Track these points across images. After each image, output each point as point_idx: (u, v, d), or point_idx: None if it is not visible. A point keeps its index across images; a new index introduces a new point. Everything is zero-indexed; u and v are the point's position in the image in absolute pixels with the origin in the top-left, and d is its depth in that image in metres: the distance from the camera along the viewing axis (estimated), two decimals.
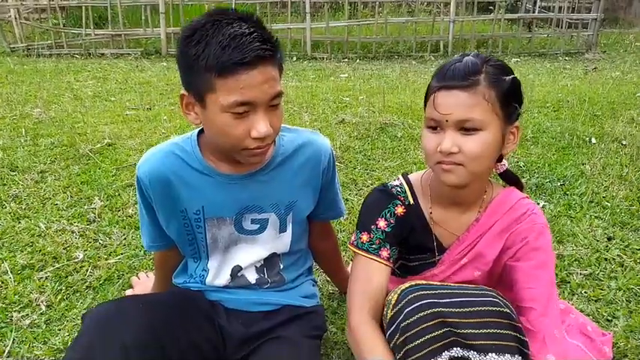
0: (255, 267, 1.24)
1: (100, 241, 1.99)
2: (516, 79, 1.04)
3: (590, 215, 2.19)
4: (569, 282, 1.74)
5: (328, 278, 1.77)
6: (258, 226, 1.20)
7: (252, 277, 1.25)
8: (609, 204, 2.27)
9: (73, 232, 2.04)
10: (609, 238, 2.02)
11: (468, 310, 0.95)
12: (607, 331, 1.45)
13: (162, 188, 1.14)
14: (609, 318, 1.57)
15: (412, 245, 1.19)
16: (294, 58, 6.28)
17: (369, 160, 2.77)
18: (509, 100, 1.02)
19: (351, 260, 1.28)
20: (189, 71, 0.98)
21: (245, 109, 0.97)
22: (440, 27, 6.51)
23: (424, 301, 0.96)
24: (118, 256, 1.88)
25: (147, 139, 2.98)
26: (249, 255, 1.22)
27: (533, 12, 7.02)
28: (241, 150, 1.02)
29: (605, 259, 1.88)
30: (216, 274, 1.24)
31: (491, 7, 7.20)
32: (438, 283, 1.08)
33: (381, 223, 1.16)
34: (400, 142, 3.01)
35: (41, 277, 1.75)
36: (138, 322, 1.01)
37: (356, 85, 4.64)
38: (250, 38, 0.93)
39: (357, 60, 6.23)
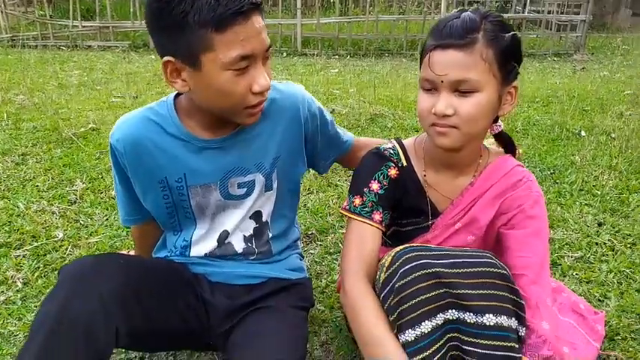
0: (244, 236, 1.18)
1: (80, 221, 1.93)
2: (516, 35, 1.00)
3: (580, 202, 2.18)
4: (560, 265, 1.72)
5: (316, 259, 1.73)
6: (245, 189, 1.14)
7: (239, 245, 1.18)
8: (599, 192, 2.26)
9: (53, 212, 1.98)
10: (600, 224, 2.01)
11: (464, 270, 0.91)
12: (599, 310, 1.43)
13: (138, 156, 1.07)
14: (601, 298, 1.55)
15: (405, 208, 1.15)
16: (285, 54, 6.24)
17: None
18: (508, 58, 0.98)
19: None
20: (176, 32, 0.89)
21: (247, 63, 0.92)
22: (431, 25, 6.50)
23: (419, 262, 0.93)
24: (99, 236, 1.82)
25: None
26: (234, 217, 1.16)
27: (523, 13, 7.06)
28: (243, 109, 0.98)
29: (596, 244, 1.86)
30: (202, 240, 1.18)
31: (481, 8, 7.23)
32: (434, 246, 1.04)
33: (374, 186, 1.13)
34: (390, 132, 2.98)
35: (18, 255, 1.68)
36: (117, 277, 0.95)
37: (346, 79, 4.61)
38: None
39: (348, 57, 6.20)
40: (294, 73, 5.01)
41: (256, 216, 1.18)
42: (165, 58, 0.95)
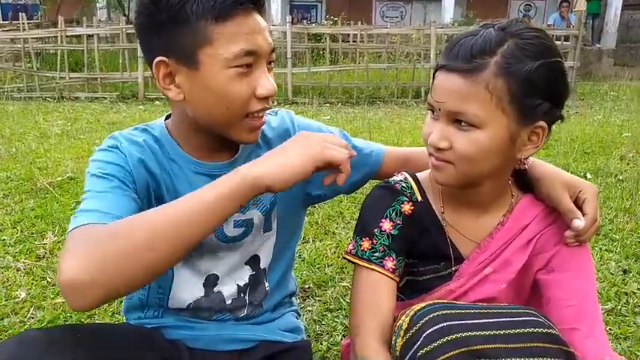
0: (238, 285, 1.00)
1: (47, 279, 1.71)
2: (550, 63, 0.80)
3: (600, 248, 2.01)
4: None
5: (315, 317, 1.52)
6: (243, 229, 0.97)
7: (229, 295, 0.99)
8: (617, 236, 2.10)
9: (18, 269, 1.76)
10: (624, 271, 1.83)
11: (503, 332, 0.72)
12: None
13: (135, 169, 0.86)
14: None
15: (423, 252, 0.97)
16: (275, 103, 6.18)
17: (356, 192, 2.56)
18: (530, 92, 0.79)
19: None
20: (172, 27, 0.78)
21: (251, 60, 0.79)
22: (421, 74, 6.54)
23: (445, 324, 0.74)
24: None
25: None
26: (228, 262, 0.98)
27: None
28: (244, 118, 0.83)
29: (625, 294, 1.68)
30: (185, 285, 0.96)
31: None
32: (461, 303, 0.85)
33: (386, 225, 0.94)
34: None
35: None
36: (71, 357, 0.74)
37: (339, 124, 4.51)
38: None
39: (339, 104, 6.17)
40: None
41: (253, 261, 1.01)
42: (158, 58, 0.80)
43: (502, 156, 0.84)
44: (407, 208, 0.95)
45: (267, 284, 1.03)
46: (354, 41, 6.88)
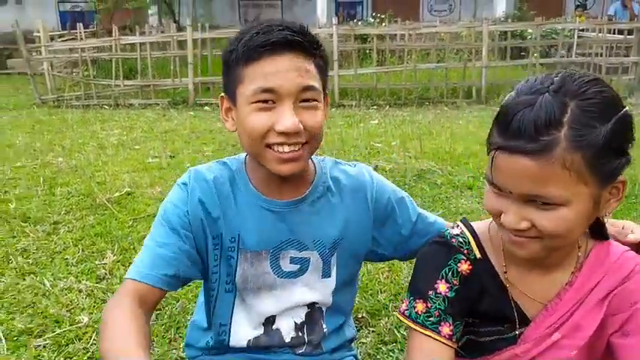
0: (295, 323, 1.03)
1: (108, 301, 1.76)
2: (620, 119, 0.73)
3: None
4: None
5: (369, 350, 1.48)
6: (298, 267, 1.00)
7: (287, 333, 1.02)
8: None
9: (80, 290, 1.83)
10: None
11: None
12: None
13: (204, 203, 0.95)
14: None
15: (484, 312, 0.91)
16: None
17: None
18: (609, 155, 0.72)
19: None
20: (226, 70, 0.92)
21: (269, 97, 0.86)
22: (472, 73, 6.35)
23: None
24: None
25: (168, 187, 2.78)
26: (284, 302, 1.01)
27: (568, 57, 6.83)
28: (266, 148, 0.89)
29: None
30: (245, 323, 1.00)
31: (523, 54, 7.04)
32: None
33: (442, 287, 0.89)
34: (441, 190, 2.75)
35: (39, 345, 1.52)
36: None
37: (387, 130, 4.45)
38: (281, 27, 0.87)
39: (387, 107, 6.08)
40: (332, 125, 4.88)
41: (311, 305, 1.04)
42: (222, 95, 0.96)
43: (588, 220, 0.78)
44: (464, 267, 0.90)
45: (324, 326, 1.04)
46: (401, 39, 6.76)
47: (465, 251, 0.90)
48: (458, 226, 0.95)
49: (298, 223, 0.98)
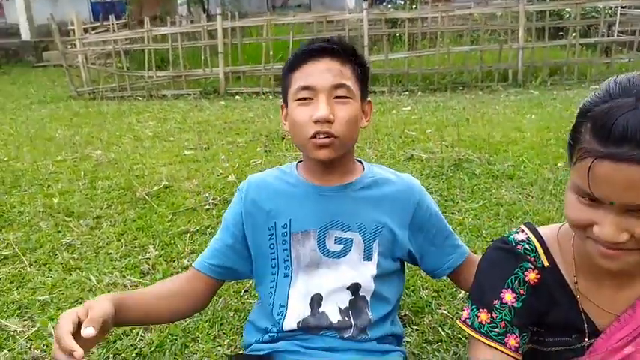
0: (340, 308, 1.11)
1: None
2: None
3: None
4: None
5: (414, 349, 1.47)
6: (342, 246, 1.11)
7: (333, 316, 1.10)
8: None
9: (125, 285, 1.86)
10: None
11: None
12: None
13: (258, 200, 1.14)
14: None
15: (551, 322, 0.88)
16: None
17: (447, 201, 2.46)
18: None
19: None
20: (282, 81, 1.11)
21: (308, 94, 1.03)
22: (508, 55, 6.16)
23: None
24: None
25: (204, 180, 2.83)
26: (329, 281, 1.11)
27: (608, 36, 6.53)
28: (308, 139, 1.04)
29: None
30: (297, 304, 1.10)
31: (561, 34, 6.78)
32: None
33: (508, 297, 0.86)
34: (479, 180, 2.68)
35: None
36: None
37: (421, 117, 4.37)
38: (322, 40, 1.06)
39: (419, 92, 5.97)
40: None
41: (354, 288, 1.12)
42: (281, 103, 1.13)
43: None
44: (532, 276, 0.86)
45: (370, 313, 1.10)
46: (432, 21, 6.60)
47: (532, 259, 0.87)
48: (522, 231, 0.91)
49: (343, 206, 1.11)
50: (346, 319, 1.09)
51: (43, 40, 10.88)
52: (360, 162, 1.18)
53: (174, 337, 1.57)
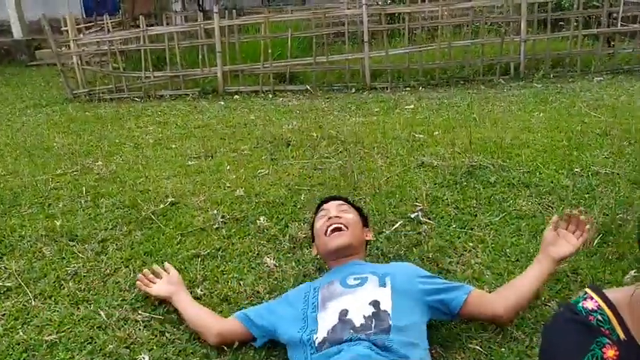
0: (363, 315, 1.39)
1: (166, 334, 1.71)
2: None
3: None
4: None
5: None
6: (359, 281, 1.52)
7: (358, 320, 1.38)
8: None
9: (136, 321, 1.78)
10: None
11: None
12: None
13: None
14: None
15: None
16: (353, 90, 5.99)
17: (464, 214, 2.38)
18: None
19: None
20: (311, 228, 1.90)
21: (324, 213, 1.80)
22: (509, 47, 6.05)
23: None
24: (189, 359, 1.58)
25: (211, 195, 2.74)
26: (353, 299, 1.46)
27: (608, 26, 6.41)
28: (324, 234, 1.74)
29: None
30: (326, 319, 1.43)
31: (561, 23, 6.66)
32: None
33: None
34: (495, 189, 2.60)
35: None
36: None
37: (427, 118, 4.27)
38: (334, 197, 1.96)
39: (420, 88, 5.86)
40: (368, 113, 4.73)
41: (375, 304, 1.43)
42: (314, 243, 1.89)
43: None
44: (611, 354, 0.78)
45: (390, 320, 1.38)
46: (430, 13, 6.47)
47: (607, 331, 0.79)
48: (591, 297, 0.83)
49: (358, 267, 1.66)
50: (369, 323, 1.37)
51: (35, 38, 10.66)
52: None
53: None
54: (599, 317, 0.80)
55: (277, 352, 1.58)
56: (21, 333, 1.75)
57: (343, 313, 1.41)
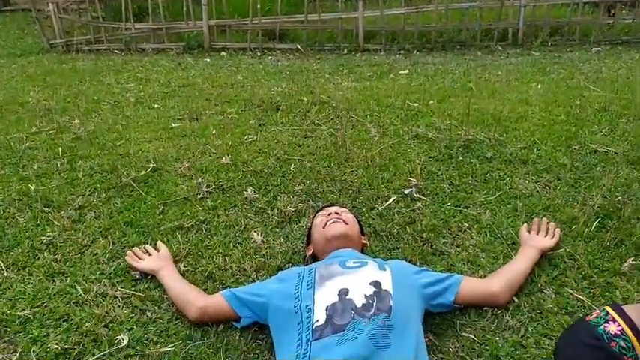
0: (365, 295, 1.33)
1: (147, 313, 1.62)
2: None
3: None
4: None
5: None
6: (359, 264, 1.48)
7: (359, 300, 1.31)
8: None
9: (115, 297, 1.69)
10: None
11: None
12: None
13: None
14: None
15: None
16: (346, 51, 5.79)
17: (459, 191, 2.30)
18: None
19: None
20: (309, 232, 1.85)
21: (322, 213, 1.81)
22: (508, 12, 5.86)
23: None
24: (171, 341, 1.50)
25: (196, 161, 2.61)
26: (353, 278, 1.40)
27: None
28: (322, 227, 1.72)
29: None
30: (324, 295, 1.35)
31: None
32: None
33: None
34: (492, 165, 2.52)
35: None
36: None
37: (422, 85, 4.14)
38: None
39: (415, 52, 5.69)
40: (361, 78, 4.56)
41: (376, 284, 1.38)
42: (308, 245, 1.83)
43: None
44: None
45: (391, 301, 1.32)
46: None
47: (629, 359, 0.71)
48: (613, 320, 0.75)
49: (354, 253, 1.63)
50: (370, 302, 1.31)
51: None
52: None
53: None
54: (622, 344, 0.73)
55: (264, 336, 1.51)
56: None
57: (344, 292, 1.34)
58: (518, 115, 3.19)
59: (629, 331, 0.75)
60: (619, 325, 0.75)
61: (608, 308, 0.78)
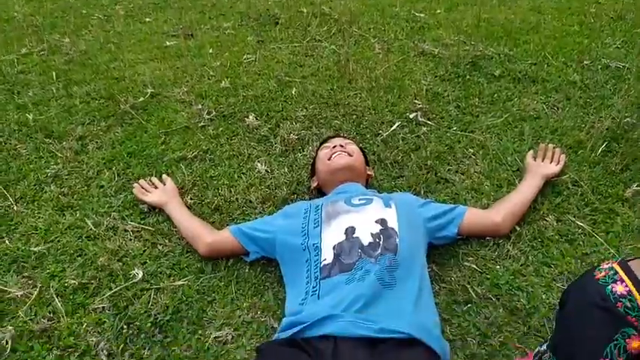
0: (371, 233, 1.35)
1: (159, 246, 1.67)
2: None
3: None
4: None
5: (444, 314, 1.41)
6: (365, 201, 1.48)
7: (366, 238, 1.33)
8: None
9: (125, 231, 1.73)
10: None
11: None
12: None
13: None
14: None
15: None
16: None
17: (465, 114, 2.26)
18: None
19: None
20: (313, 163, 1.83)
21: (327, 145, 1.78)
22: None
23: None
24: (184, 274, 1.56)
25: (194, 85, 2.53)
26: (359, 217, 1.41)
27: None
28: (327, 159, 1.70)
29: None
30: (331, 234, 1.37)
31: None
32: None
33: None
34: (500, 84, 2.45)
35: (97, 308, 1.46)
36: None
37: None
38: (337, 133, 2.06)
39: None
40: None
41: (382, 222, 1.39)
42: (313, 178, 1.84)
43: None
44: (636, 345, 0.74)
45: (397, 239, 1.33)
46: None
47: (634, 320, 0.74)
48: (622, 280, 0.76)
49: (362, 190, 1.64)
50: (376, 240, 1.32)
51: None
52: None
53: (190, 301, 1.48)
54: (628, 304, 0.74)
55: (272, 269, 1.56)
56: (7, 242, 1.69)
57: (350, 231, 1.36)
58: (529, 26, 3.04)
59: (635, 292, 0.76)
60: (626, 286, 0.77)
61: (616, 267, 0.79)
